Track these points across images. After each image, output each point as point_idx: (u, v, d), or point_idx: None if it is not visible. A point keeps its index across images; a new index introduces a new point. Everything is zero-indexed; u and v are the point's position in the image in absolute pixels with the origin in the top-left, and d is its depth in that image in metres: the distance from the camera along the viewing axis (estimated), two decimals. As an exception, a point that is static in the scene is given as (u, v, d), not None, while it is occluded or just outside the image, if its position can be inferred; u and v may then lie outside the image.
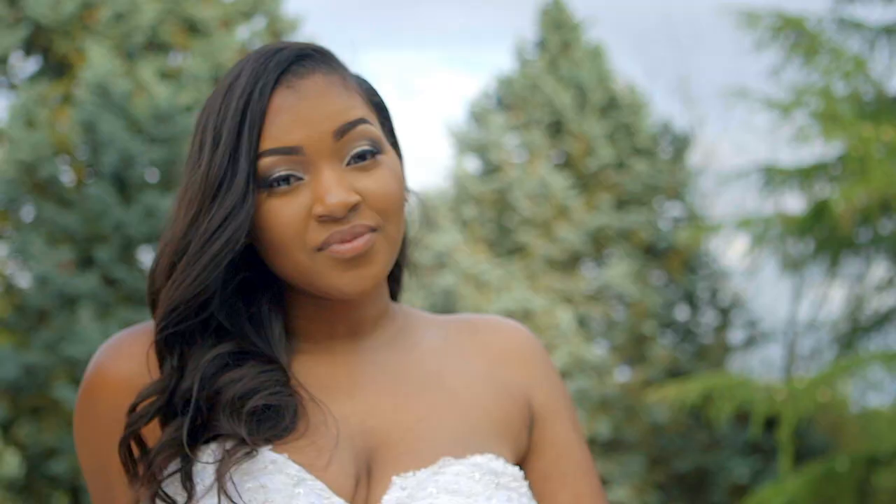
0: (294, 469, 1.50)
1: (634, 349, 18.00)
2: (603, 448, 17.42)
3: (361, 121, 1.55)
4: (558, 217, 18.19)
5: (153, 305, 1.56)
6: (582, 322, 17.97)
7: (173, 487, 1.51)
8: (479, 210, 18.51)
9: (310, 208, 1.51)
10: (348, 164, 1.53)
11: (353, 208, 1.51)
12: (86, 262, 10.26)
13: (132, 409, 1.52)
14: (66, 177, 11.18)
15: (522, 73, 18.85)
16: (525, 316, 17.65)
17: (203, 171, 1.52)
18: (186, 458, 1.49)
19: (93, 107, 10.27)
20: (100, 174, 10.72)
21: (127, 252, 10.27)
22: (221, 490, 1.46)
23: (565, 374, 17.32)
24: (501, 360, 1.68)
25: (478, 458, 1.56)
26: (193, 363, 1.53)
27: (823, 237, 11.05)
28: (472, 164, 19.06)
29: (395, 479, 1.53)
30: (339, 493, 1.50)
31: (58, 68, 12.01)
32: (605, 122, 18.46)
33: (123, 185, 10.37)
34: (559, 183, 17.99)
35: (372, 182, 1.54)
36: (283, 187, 1.51)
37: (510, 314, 17.56)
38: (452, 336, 1.69)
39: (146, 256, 10.71)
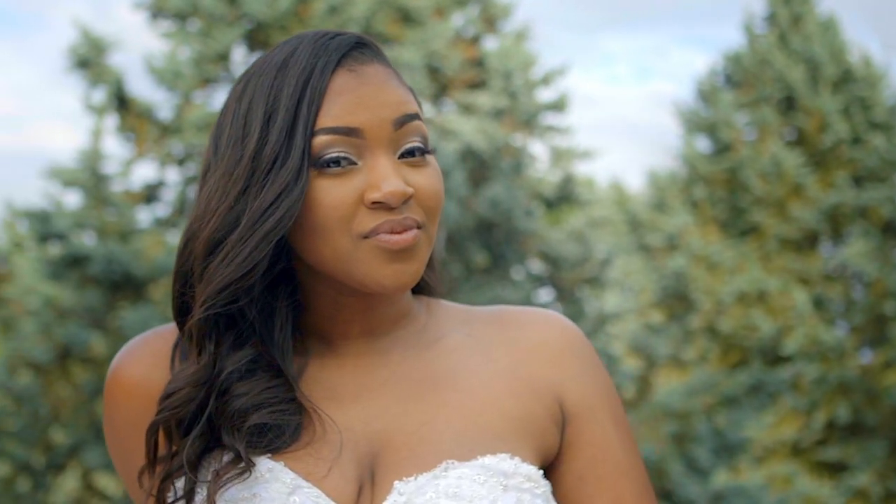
0: (290, 477, 1.46)
1: (875, 330, 17.39)
2: (842, 433, 16.90)
3: (417, 116, 1.52)
4: (792, 195, 17.72)
5: (184, 280, 1.51)
6: (819, 303, 17.46)
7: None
8: (710, 190, 18.18)
9: (361, 193, 1.46)
10: (400, 157, 1.50)
11: (406, 201, 1.47)
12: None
13: (168, 395, 1.49)
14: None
15: (752, 49, 18.40)
16: (759, 297, 17.26)
17: (253, 146, 1.47)
18: (190, 480, 1.47)
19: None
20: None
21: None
22: None
23: (801, 357, 16.86)
24: (529, 355, 1.59)
25: (486, 460, 1.49)
26: (216, 367, 1.50)
27: None
28: (702, 144, 18.73)
29: (396, 483, 1.47)
30: (336, 501, 1.46)
31: (277, 63, 12.30)
32: (840, 97, 17.87)
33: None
34: (792, 160, 17.51)
35: (422, 179, 1.50)
36: (335, 168, 1.47)
37: (743, 296, 17.21)
38: (478, 332, 1.61)
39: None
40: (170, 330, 1.61)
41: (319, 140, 1.46)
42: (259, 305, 1.51)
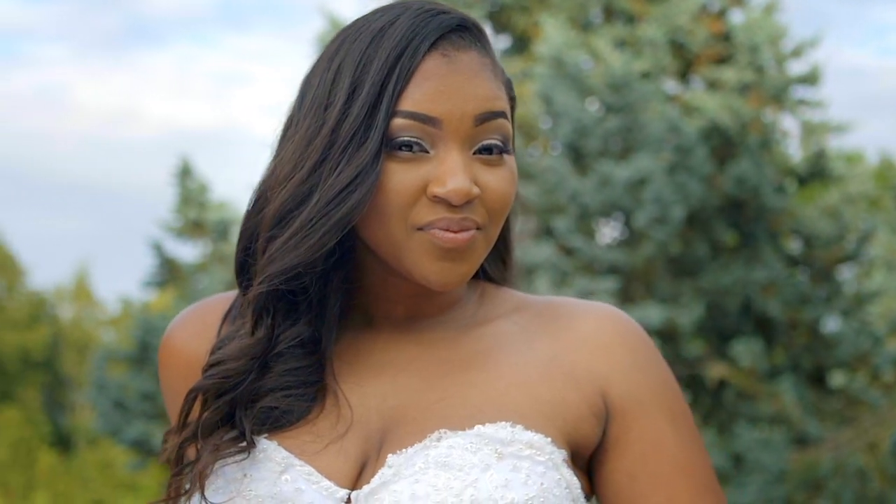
0: (282, 455, 1.44)
1: None
2: None
3: (503, 114, 1.47)
4: None
5: (248, 243, 1.49)
6: None
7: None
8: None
9: (426, 184, 1.43)
10: (475, 152, 1.45)
11: (469, 201, 1.43)
12: (545, 232, 10.48)
13: (219, 362, 1.47)
14: (532, 150, 11.46)
15: None
16: None
17: (335, 116, 1.44)
18: (199, 447, 1.46)
19: (549, 79, 10.44)
20: (555, 146, 10.91)
21: (583, 222, 10.39)
22: (198, 484, 1.43)
23: None
24: (574, 346, 1.52)
25: (483, 429, 1.43)
26: (272, 342, 1.48)
27: None
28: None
29: (389, 456, 1.43)
30: (331, 477, 1.43)
31: (519, 44, 12.30)
32: None
33: (578, 156, 10.48)
34: None
35: (493, 179, 1.46)
36: (406, 153, 1.43)
37: None
38: (526, 321, 1.56)
39: (603, 227, 10.81)
40: (221, 300, 1.61)
41: (396, 122, 1.43)
42: (320, 282, 1.49)
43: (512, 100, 1.53)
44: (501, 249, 1.63)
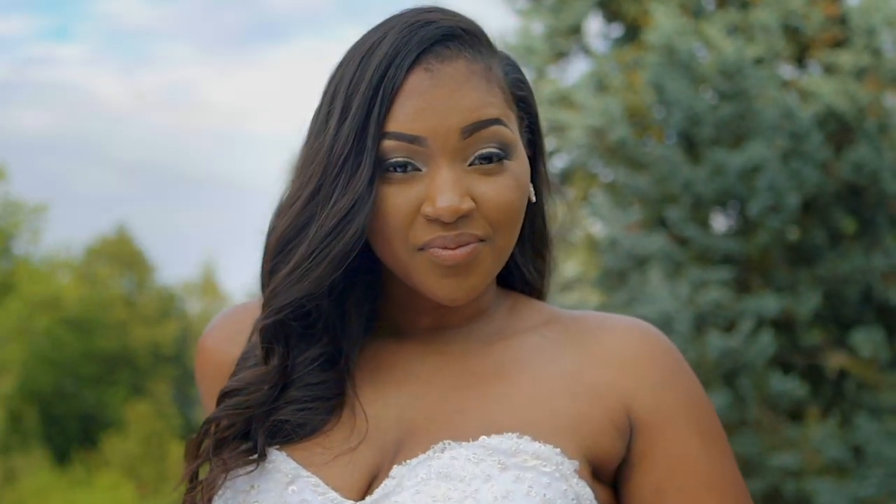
0: (290, 466, 1.44)
1: None
2: None
3: (494, 121, 1.44)
4: None
5: (269, 268, 1.49)
6: None
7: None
8: None
9: (420, 203, 1.42)
10: (471, 164, 1.43)
11: (464, 215, 1.42)
12: (657, 222, 10.38)
13: (235, 391, 1.48)
14: (644, 139, 11.34)
15: None
16: None
17: (328, 142, 1.43)
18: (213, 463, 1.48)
19: (660, 68, 10.33)
20: (668, 134, 10.78)
21: (697, 211, 10.26)
22: (206, 497, 1.44)
23: None
24: (599, 361, 1.50)
25: (487, 440, 1.41)
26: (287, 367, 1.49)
27: None
28: None
29: (394, 468, 1.43)
30: (337, 488, 1.42)
31: (630, 32, 12.19)
32: None
33: (691, 144, 10.36)
34: None
35: (491, 189, 1.43)
36: (399, 174, 1.42)
37: None
38: (554, 334, 1.53)
39: (717, 216, 10.66)
40: (256, 305, 1.60)
41: (385, 144, 1.42)
42: (338, 300, 1.49)
43: (521, 99, 1.50)
44: (539, 244, 1.60)
